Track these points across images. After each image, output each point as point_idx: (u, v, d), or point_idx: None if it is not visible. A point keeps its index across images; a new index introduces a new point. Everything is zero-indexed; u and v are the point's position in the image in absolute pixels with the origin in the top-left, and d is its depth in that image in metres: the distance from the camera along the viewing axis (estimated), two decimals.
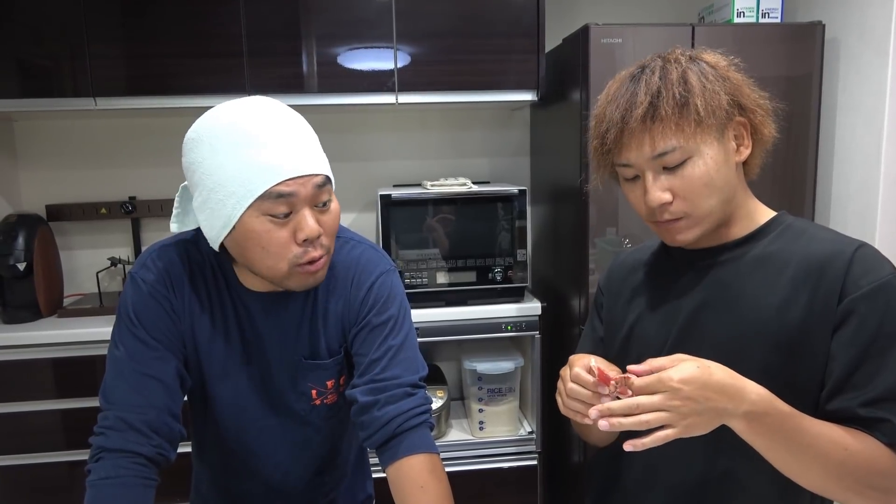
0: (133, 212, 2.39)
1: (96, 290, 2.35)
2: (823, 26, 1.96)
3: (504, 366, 2.17)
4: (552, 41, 2.18)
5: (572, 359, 0.86)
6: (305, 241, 0.89)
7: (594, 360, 0.83)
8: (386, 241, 2.13)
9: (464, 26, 2.11)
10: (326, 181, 0.91)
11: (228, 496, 1.17)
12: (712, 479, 0.91)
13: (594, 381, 0.80)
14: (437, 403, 2.16)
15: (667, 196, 0.88)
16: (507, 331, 2.14)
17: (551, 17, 2.25)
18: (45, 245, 2.23)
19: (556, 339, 2.25)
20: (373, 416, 0.98)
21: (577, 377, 0.82)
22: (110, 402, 0.95)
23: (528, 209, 2.28)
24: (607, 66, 1.87)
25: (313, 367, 1.05)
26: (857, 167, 1.99)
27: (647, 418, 0.74)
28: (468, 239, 2.17)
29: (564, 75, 2.08)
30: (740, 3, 2.06)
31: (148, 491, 0.93)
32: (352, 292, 1.04)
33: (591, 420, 0.78)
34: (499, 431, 2.22)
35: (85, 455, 0.95)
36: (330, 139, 0.96)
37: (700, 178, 0.87)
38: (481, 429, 2.22)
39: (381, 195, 2.13)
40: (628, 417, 0.75)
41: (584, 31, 1.89)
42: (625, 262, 1.10)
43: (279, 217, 0.87)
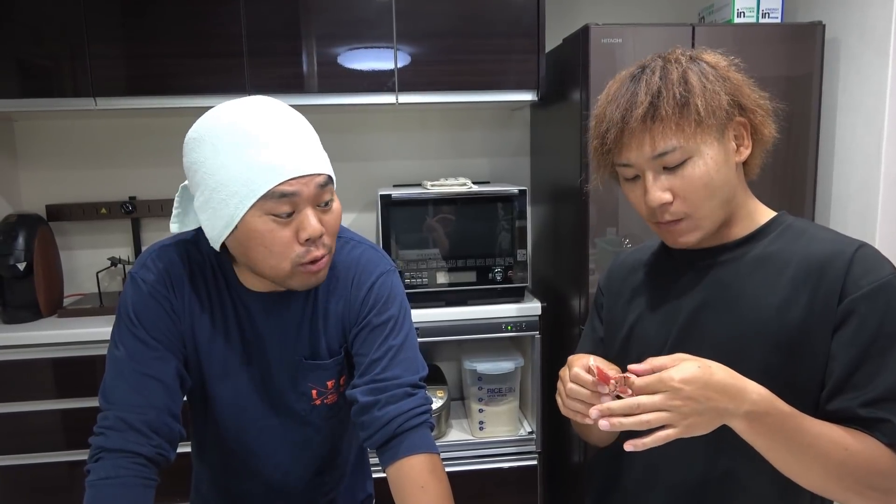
0: (133, 212, 2.39)
1: (96, 290, 2.35)
2: (824, 26, 1.96)
3: (504, 366, 2.17)
4: (552, 41, 2.18)
5: (571, 359, 0.86)
6: (308, 241, 0.90)
7: (593, 360, 0.83)
8: (386, 241, 2.13)
9: (464, 26, 2.11)
10: (329, 181, 0.91)
11: (228, 496, 1.17)
12: (713, 479, 0.91)
13: (593, 381, 0.80)
14: (437, 403, 2.16)
15: (667, 196, 0.88)
16: (507, 331, 2.14)
17: (551, 17, 2.25)
18: (45, 245, 2.23)
19: (556, 339, 2.25)
20: (373, 416, 0.98)
21: (576, 377, 0.82)
22: (110, 402, 0.95)
23: (529, 209, 2.28)
24: (607, 66, 1.87)
25: (313, 368, 1.05)
26: (857, 167, 1.99)
27: (648, 418, 0.74)
28: (468, 239, 2.17)
29: (564, 75, 2.08)
30: (740, 3, 2.06)
31: (148, 491, 0.93)
32: (352, 292, 1.04)
33: (591, 420, 0.78)
34: (499, 431, 2.22)
35: (85, 455, 0.95)
36: (330, 139, 0.96)
37: (700, 178, 0.87)
38: (481, 429, 2.22)
39: (381, 195, 2.13)
40: (629, 417, 0.75)
41: (585, 31, 1.89)
42: (625, 262, 1.10)
43: (282, 216, 0.87)
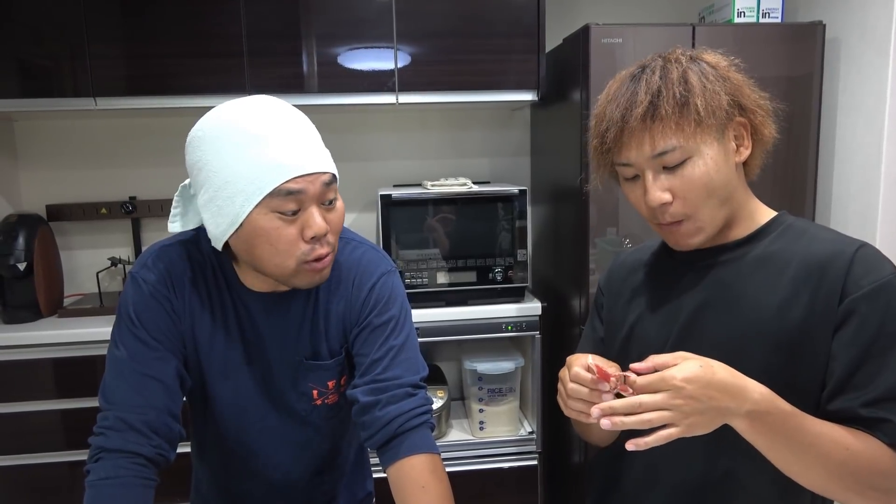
0: (133, 212, 2.39)
1: (96, 290, 2.35)
2: (824, 26, 1.95)
3: (504, 366, 2.17)
4: (552, 41, 2.18)
5: (570, 359, 0.86)
6: (313, 239, 0.90)
7: (591, 358, 0.83)
8: (386, 241, 2.13)
9: (464, 26, 2.11)
10: (333, 179, 0.92)
11: (228, 496, 1.17)
12: (713, 478, 0.91)
13: (593, 379, 0.80)
14: (438, 403, 2.16)
15: (666, 196, 0.88)
16: (507, 331, 2.14)
17: (551, 17, 2.25)
18: (45, 245, 2.23)
19: (556, 339, 2.25)
20: (374, 417, 0.98)
21: (576, 377, 0.82)
22: (110, 402, 0.95)
23: (529, 209, 2.28)
24: (607, 65, 1.87)
25: (314, 368, 1.05)
26: (857, 167, 1.99)
27: (650, 417, 0.74)
28: (468, 239, 2.17)
29: (565, 75, 2.08)
30: (741, 3, 2.06)
31: (147, 491, 0.93)
32: (353, 293, 1.04)
33: (593, 419, 0.77)
34: (499, 431, 2.22)
35: (85, 455, 0.95)
36: (330, 139, 0.96)
37: (700, 178, 0.87)
38: (481, 429, 2.22)
39: (382, 195, 2.13)
40: (630, 416, 0.75)
41: (585, 30, 1.89)
42: (625, 262, 1.10)
43: (287, 214, 0.88)
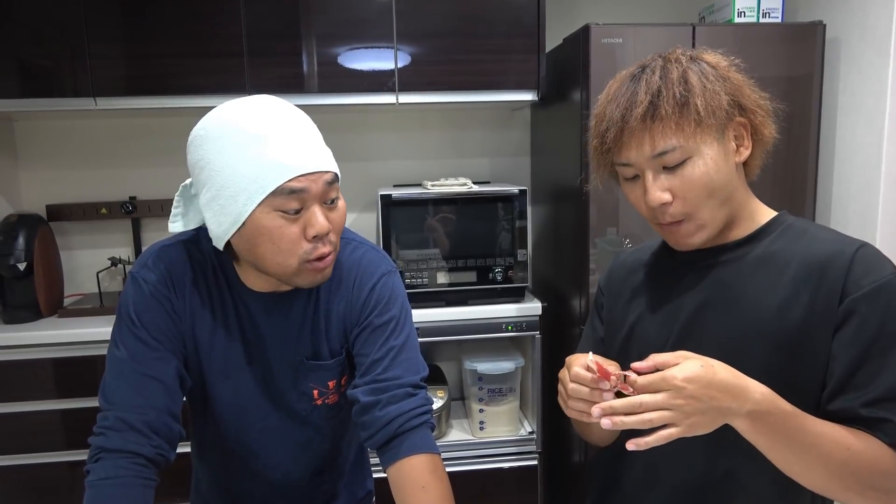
0: (133, 212, 2.38)
1: (96, 290, 2.35)
2: (824, 26, 1.95)
3: (504, 366, 2.17)
4: (552, 41, 2.18)
5: (569, 360, 0.86)
6: (315, 238, 0.90)
7: (591, 355, 0.83)
8: (386, 241, 2.13)
9: (464, 26, 2.11)
10: (335, 178, 0.92)
11: (228, 496, 1.17)
12: (713, 478, 0.91)
13: (593, 378, 0.80)
14: (438, 403, 2.16)
15: (666, 196, 0.88)
16: (507, 331, 2.14)
17: (551, 17, 2.25)
18: (45, 245, 2.23)
19: (556, 339, 2.25)
20: (374, 416, 0.98)
21: (576, 377, 0.82)
22: (110, 402, 0.95)
23: (529, 209, 2.28)
24: (608, 65, 1.87)
25: (315, 368, 1.05)
26: (857, 167, 1.99)
27: (650, 417, 0.74)
28: (468, 239, 2.17)
29: (565, 75, 2.08)
30: (741, 3, 2.06)
31: (147, 491, 0.93)
32: (354, 293, 1.04)
33: (594, 418, 0.77)
34: (499, 431, 2.22)
35: (85, 455, 0.95)
36: (330, 139, 0.96)
37: (700, 178, 0.87)
38: (482, 429, 2.22)
39: (382, 195, 2.13)
40: (631, 416, 0.75)
41: (585, 30, 1.89)
42: (625, 262, 1.10)
43: (290, 213, 0.88)
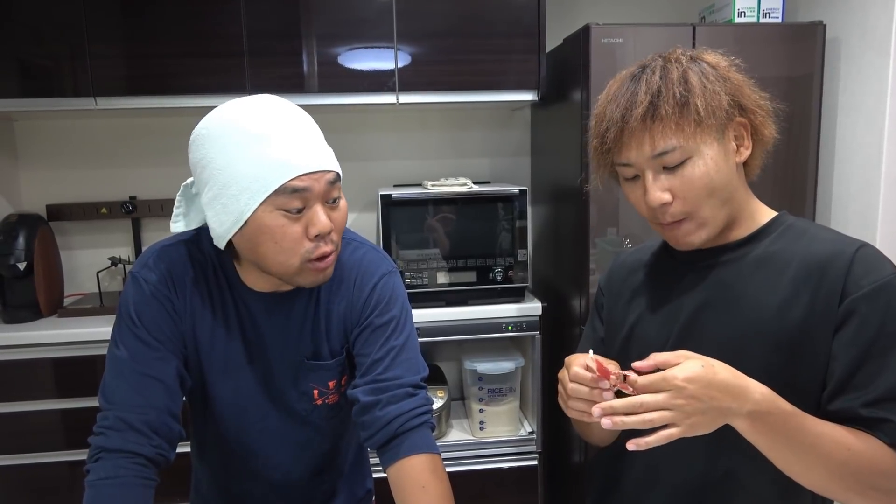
0: (133, 211, 2.39)
1: (97, 290, 2.35)
2: (824, 26, 1.95)
3: (504, 366, 2.17)
4: (553, 41, 2.18)
5: (568, 360, 0.86)
6: (317, 237, 0.90)
7: (591, 353, 0.83)
8: (386, 241, 2.13)
9: (464, 26, 2.11)
10: (337, 178, 0.92)
11: (228, 496, 1.17)
12: (714, 479, 0.91)
13: (593, 378, 0.80)
14: (438, 403, 2.16)
15: (666, 196, 0.88)
16: (507, 331, 2.14)
17: (552, 17, 2.25)
18: (45, 245, 2.23)
19: (556, 339, 2.24)
20: (374, 416, 0.98)
21: (575, 376, 0.82)
22: (110, 402, 0.95)
23: (529, 209, 2.28)
24: (608, 65, 1.87)
25: (315, 368, 1.05)
26: (857, 167, 1.99)
27: (651, 417, 0.74)
28: (469, 239, 2.17)
29: (565, 75, 2.08)
30: (741, 3, 2.05)
31: (147, 491, 0.93)
32: (354, 293, 1.04)
33: (595, 418, 0.77)
34: (499, 431, 2.22)
35: (85, 455, 0.95)
36: (330, 139, 0.96)
37: (700, 178, 0.87)
38: (482, 429, 2.22)
39: (382, 195, 2.13)
40: (631, 416, 0.75)
41: (585, 30, 1.89)
42: (625, 262, 1.10)
43: (292, 212, 0.88)
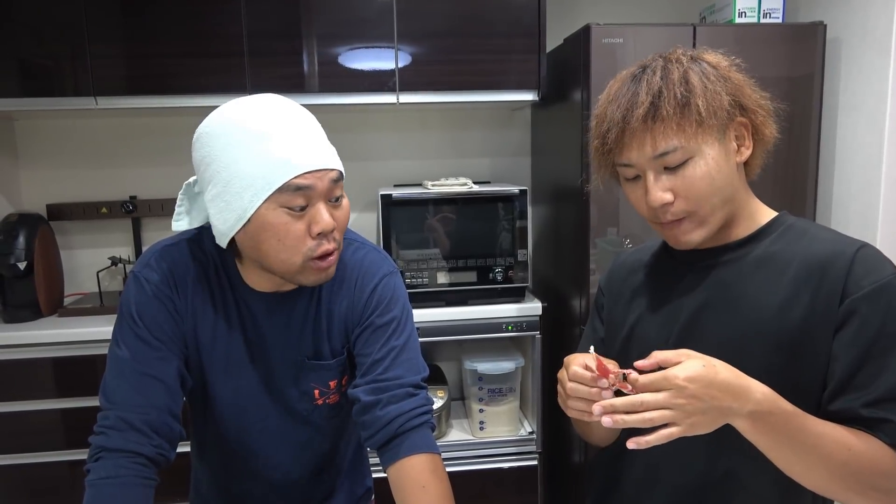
0: (134, 211, 2.38)
1: (97, 290, 2.35)
2: (825, 26, 1.95)
3: (504, 366, 2.17)
4: (553, 41, 2.18)
5: (567, 359, 0.86)
6: (320, 235, 0.90)
7: (592, 350, 0.83)
8: (386, 240, 2.13)
9: (465, 26, 2.11)
10: (340, 176, 0.93)
11: (228, 496, 1.17)
12: (714, 478, 0.91)
13: (593, 377, 0.80)
14: (438, 403, 2.16)
15: (668, 196, 0.88)
16: (507, 331, 2.14)
17: (552, 17, 2.25)
18: (45, 244, 2.23)
19: (556, 339, 2.24)
20: (374, 416, 0.98)
21: (574, 375, 0.82)
22: (111, 401, 0.95)
23: (529, 209, 2.28)
24: (608, 66, 1.87)
25: (316, 368, 1.05)
26: (858, 167, 1.99)
27: (651, 416, 0.74)
28: (469, 239, 2.17)
29: (565, 75, 2.08)
30: (742, 3, 2.05)
31: (148, 491, 0.93)
32: (355, 294, 1.04)
33: (595, 417, 0.77)
34: (499, 431, 2.22)
35: (85, 454, 0.95)
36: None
37: (701, 178, 0.87)
38: (482, 429, 2.22)
39: (382, 195, 2.13)
40: (632, 415, 0.75)
41: (586, 30, 1.89)
42: (625, 262, 1.10)
43: (295, 210, 0.88)
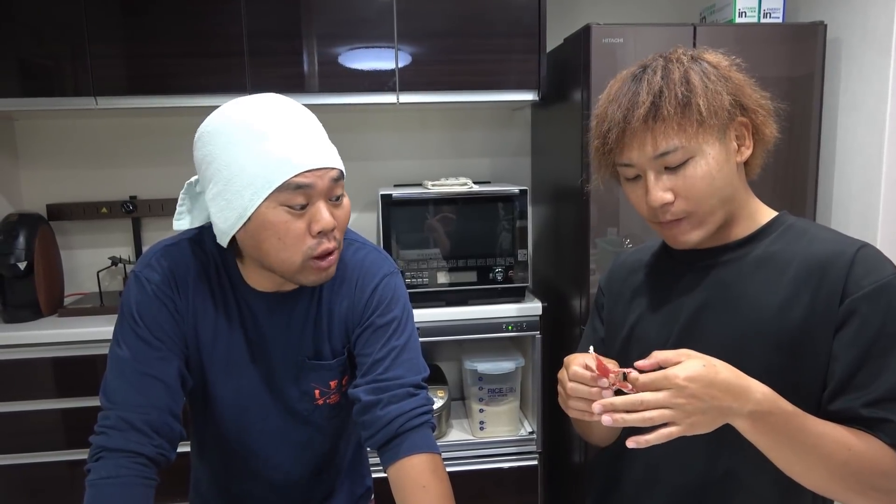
0: (134, 211, 2.38)
1: (97, 290, 2.35)
2: (825, 26, 1.95)
3: (505, 366, 2.17)
4: (553, 41, 2.18)
5: (567, 360, 0.86)
6: (320, 233, 0.90)
7: (591, 350, 0.83)
8: (387, 240, 2.13)
9: (465, 26, 2.11)
10: (341, 175, 0.93)
11: (228, 495, 1.17)
12: (714, 478, 0.91)
13: (593, 376, 0.80)
14: (438, 403, 2.16)
15: (668, 196, 0.88)
16: (507, 331, 2.14)
17: (552, 17, 2.25)
18: (45, 244, 2.23)
19: (556, 339, 2.24)
20: (375, 416, 0.98)
21: (574, 375, 0.82)
22: (112, 401, 0.95)
23: (529, 209, 2.28)
24: (608, 65, 1.87)
25: (317, 368, 1.05)
26: (858, 167, 1.99)
27: (651, 415, 0.74)
28: (469, 239, 2.17)
29: (565, 75, 2.08)
30: (742, 3, 2.05)
31: (148, 491, 0.93)
32: (356, 294, 1.04)
33: (595, 416, 0.77)
34: (499, 431, 2.22)
35: (85, 454, 0.95)
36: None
37: (702, 178, 0.87)
38: (482, 429, 2.22)
39: (382, 195, 2.13)
40: (632, 414, 0.75)
41: (586, 30, 1.89)
42: (625, 262, 1.10)
43: (296, 208, 0.88)
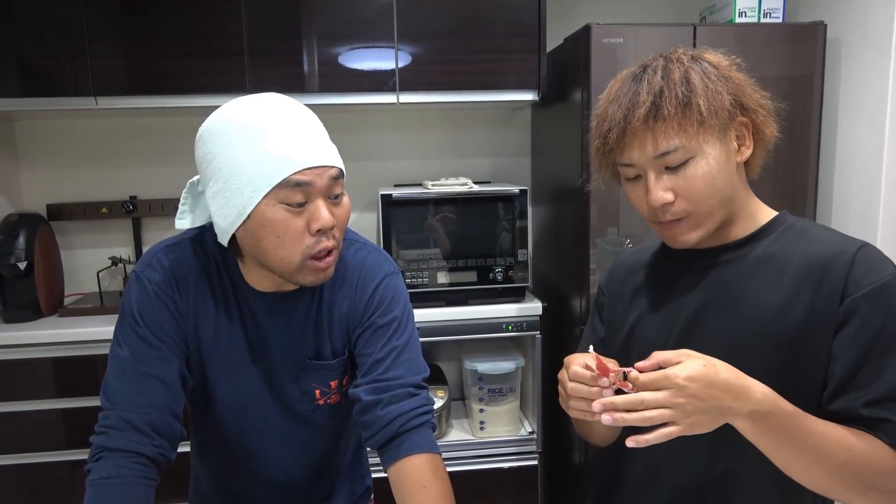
0: (134, 211, 2.38)
1: (97, 290, 2.35)
2: (825, 26, 1.95)
3: (505, 366, 2.17)
4: (553, 41, 2.18)
5: (567, 360, 0.86)
6: (319, 232, 0.90)
7: (591, 350, 0.83)
8: (387, 240, 2.13)
9: (465, 26, 2.11)
10: (340, 174, 0.93)
11: (228, 495, 1.17)
12: (714, 478, 0.91)
13: (593, 376, 0.80)
14: (438, 403, 2.16)
15: (669, 196, 0.88)
16: (507, 331, 2.14)
17: (552, 17, 2.25)
18: (45, 244, 2.23)
19: (556, 339, 2.24)
20: (375, 416, 0.98)
21: (575, 375, 0.82)
22: (113, 401, 0.95)
23: (529, 209, 2.28)
24: (608, 65, 1.87)
25: (317, 368, 1.05)
26: (858, 167, 1.99)
27: (651, 415, 0.74)
28: (469, 239, 2.17)
29: (565, 75, 2.08)
30: (742, 3, 2.05)
31: (148, 491, 0.93)
32: (357, 294, 1.04)
33: (595, 415, 0.77)
34: (499, 431, 2.22)
35: (85, 454, 0.95)
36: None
37: (702, 177, 0.87)
38: (482, 429, 2.22)
39: (382, 195, 2.13)
40: (632, 413, 0.75)
41: (586, 30, 1.89)
42: (625, 262, 1.10)
43: (295, 206, 0.88)
